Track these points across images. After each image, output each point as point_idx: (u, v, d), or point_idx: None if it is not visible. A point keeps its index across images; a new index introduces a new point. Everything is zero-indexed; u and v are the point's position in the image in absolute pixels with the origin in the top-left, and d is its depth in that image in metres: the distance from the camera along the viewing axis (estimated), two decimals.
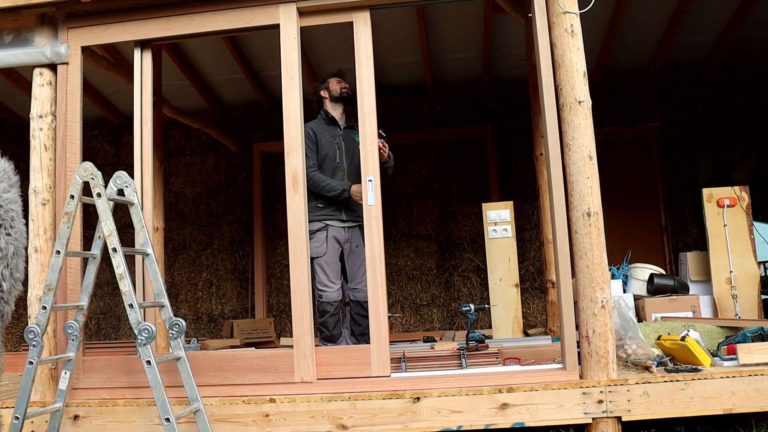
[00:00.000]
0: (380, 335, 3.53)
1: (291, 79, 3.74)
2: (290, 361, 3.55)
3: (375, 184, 3.63)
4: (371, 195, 3.62)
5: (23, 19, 3.93)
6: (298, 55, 3.76)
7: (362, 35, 3.76)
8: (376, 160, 3.66)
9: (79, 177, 3.33)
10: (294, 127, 3.70)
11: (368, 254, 3.60)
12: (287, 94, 3.73)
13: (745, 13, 5.63)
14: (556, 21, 3.54)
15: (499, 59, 6.54)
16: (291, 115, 3.71)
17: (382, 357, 3.52)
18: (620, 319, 3.91)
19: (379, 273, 3.58)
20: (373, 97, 3.71)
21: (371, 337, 3.56)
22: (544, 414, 3.29)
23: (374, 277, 3.58)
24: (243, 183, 7.46)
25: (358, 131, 4.15)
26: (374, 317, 3.55)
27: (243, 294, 7.33)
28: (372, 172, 3.65)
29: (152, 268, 3.46)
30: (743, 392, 3.23)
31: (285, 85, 3.74)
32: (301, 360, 3.53)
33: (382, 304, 3.56)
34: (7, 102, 7.19)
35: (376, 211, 3.62)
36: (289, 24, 3.77)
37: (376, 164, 3.66)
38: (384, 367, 3.51)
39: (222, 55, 6.17)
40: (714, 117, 6.93)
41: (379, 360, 3.52)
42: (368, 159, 3.67)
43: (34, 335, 3.25)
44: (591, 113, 3.47)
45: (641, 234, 6.92)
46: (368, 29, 3.75)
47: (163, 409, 3.04)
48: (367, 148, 3.69)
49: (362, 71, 3.73)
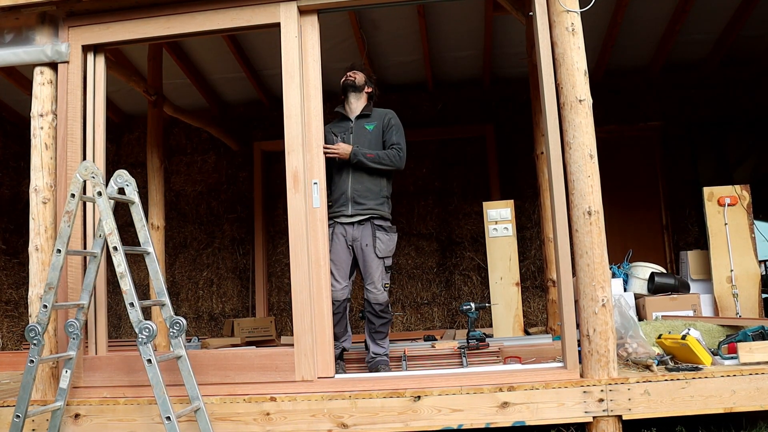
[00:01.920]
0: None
1: (291, 78, 3.74)
2: (291, 360, 3.55)
3: (320, 187, 3.66)
4: (316, 198, 3.65)
5: (24, 18, 3.93)
6: (299, 54, 3.76)
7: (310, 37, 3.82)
8: (322, 163, 3.70)
9: (80, 176, 3.34)
10: (294, 125, 3.70)
11: (312, 256, 3.63)
12: (288, 93, 3.73)
13: (746, 11, 5.63)
14: (557, 19, 3.54)
15: (499, 58, 6.53)
16: (291, 114, 3.71)
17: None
18: (621, 317, 3.91)
19: (324, 274, 3.62)
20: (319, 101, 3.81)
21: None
22: (544, 413, 3.29)
23: (318, 277, 3.62)
24: (244, 182, 7.46)
25: (371, 120, 4.15)
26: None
27: (244, 293, 7.34)
28: (317, 175, 3.68)
29: (153, 267, 3.46)
30: (744, 391, 3.23)
31: (286, 84, 3.74)
32: (301, 359, 3.54)
33: (326, 307, 3.59)
34: (8, 101, 7.19)
35: (321, 214, 3.66)
36: (290, 23, 3.77)
37: (321, 167, 3.69)
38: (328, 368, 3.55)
39: (223, 54, 6.17)
40: (715, 116, 6.93)
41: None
42: (314, 162, 3.70)
43: (35, 334, 3.25)
44: (592, 112, 3.47)
45: (642, 233, 6.92)
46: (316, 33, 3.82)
47: (164, 408, 3.04)
48: (313, 151, 3.72)
49: (309, 73, 3.80)
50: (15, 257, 7.50)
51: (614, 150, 6.92)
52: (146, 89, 5.60)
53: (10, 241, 7.52)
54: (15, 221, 7.50)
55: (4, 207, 7.54)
